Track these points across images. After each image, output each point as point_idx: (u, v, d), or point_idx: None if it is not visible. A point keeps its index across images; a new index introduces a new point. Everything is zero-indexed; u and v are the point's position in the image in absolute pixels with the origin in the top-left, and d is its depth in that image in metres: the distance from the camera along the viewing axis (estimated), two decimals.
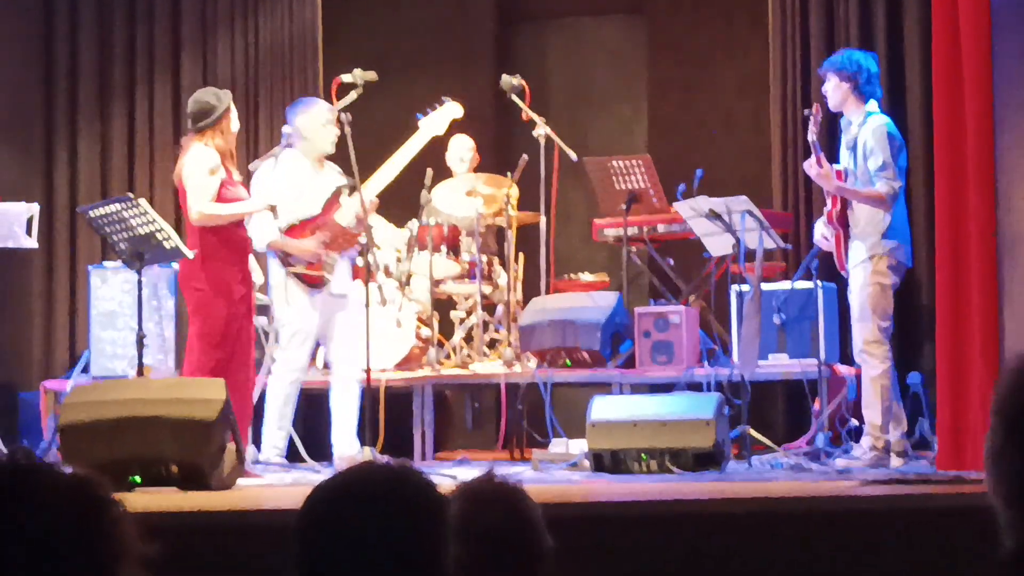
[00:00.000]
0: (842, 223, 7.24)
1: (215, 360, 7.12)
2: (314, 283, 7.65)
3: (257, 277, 7.63)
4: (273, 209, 7.56)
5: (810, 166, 7.22)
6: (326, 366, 8.84)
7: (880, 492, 5.71)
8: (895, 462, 7.15)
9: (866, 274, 7.16)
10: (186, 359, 7.34)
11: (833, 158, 7.52)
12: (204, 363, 7.13)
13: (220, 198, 7.24)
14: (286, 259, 7.63)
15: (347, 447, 7.64)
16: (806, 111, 7.42)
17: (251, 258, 7.55)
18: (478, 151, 9.53)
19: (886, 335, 7.22)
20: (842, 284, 8.71)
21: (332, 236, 7.69)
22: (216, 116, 7.24)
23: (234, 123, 7.34)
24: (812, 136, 7.24)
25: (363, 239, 7.61)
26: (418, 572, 2.12)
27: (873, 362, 7.16)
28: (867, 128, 7.18)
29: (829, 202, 7.26)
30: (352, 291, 7.82)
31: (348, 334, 7.71)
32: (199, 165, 7.22)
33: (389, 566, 2.10)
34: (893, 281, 7.24)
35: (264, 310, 8.14)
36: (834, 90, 7.26)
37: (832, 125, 8.30)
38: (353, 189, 7.68)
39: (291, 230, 7.65)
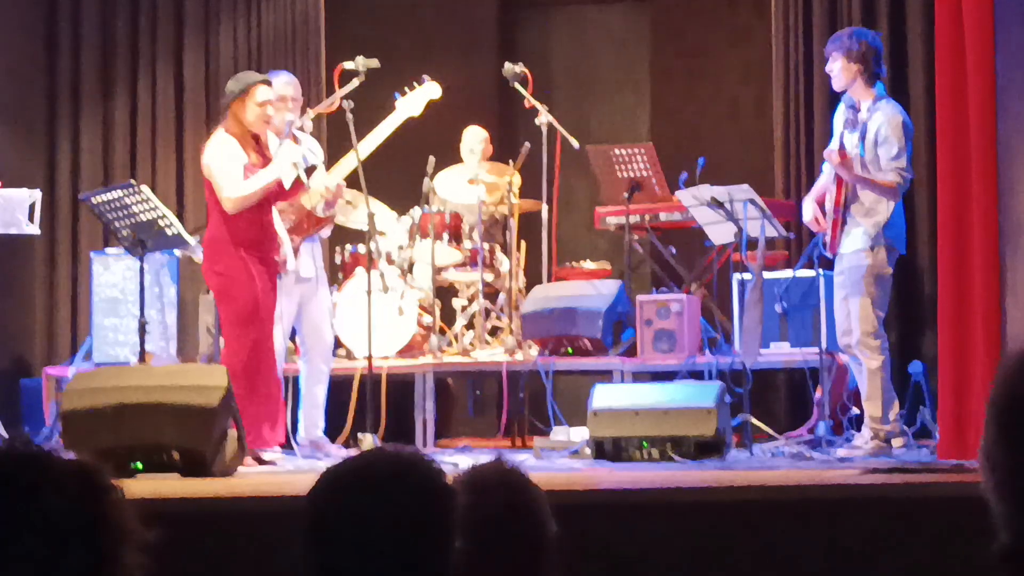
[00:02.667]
0: (839, 207, 7.19)
1: (250, 342, 7.08)
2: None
3: None
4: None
5: (831, 154, 7.14)
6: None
7: (881, 480, 5.72)
8: (896, 443, 7.16)
9: (867, 264, 7.12)
10: (224, 348, 7.31)
11: (828, 133, 7.48)
12: (240, 347, 7.09)
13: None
14: None
15: (313, 431, 7.65)
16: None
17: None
18: (489, 141, 9.49)
19: (883, 325, 7.21)
20: None
21: (297, 220, 7.64)
22: (226, 101, 7.17)
23: (250, 111, 7.14)
24: (841, 127, 7.18)
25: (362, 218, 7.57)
26: (425, 559, 2.12)
27: (873, 354, 7.15)
28: (880, 115, 7.11)
29: (835, 187, 7.19)
30: (320, 274, 7.81)
31: (319, 320, 7.72)
32: (216, 154, 7.12)
33: (396, 553, 2.10)
34: (891, 271, 7.23)
35: None
36: (841, 71, 7.15)
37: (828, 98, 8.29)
38: (311, 169, 7.65)
39: None
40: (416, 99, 8.14)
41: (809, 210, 7.28)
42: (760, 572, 4.97)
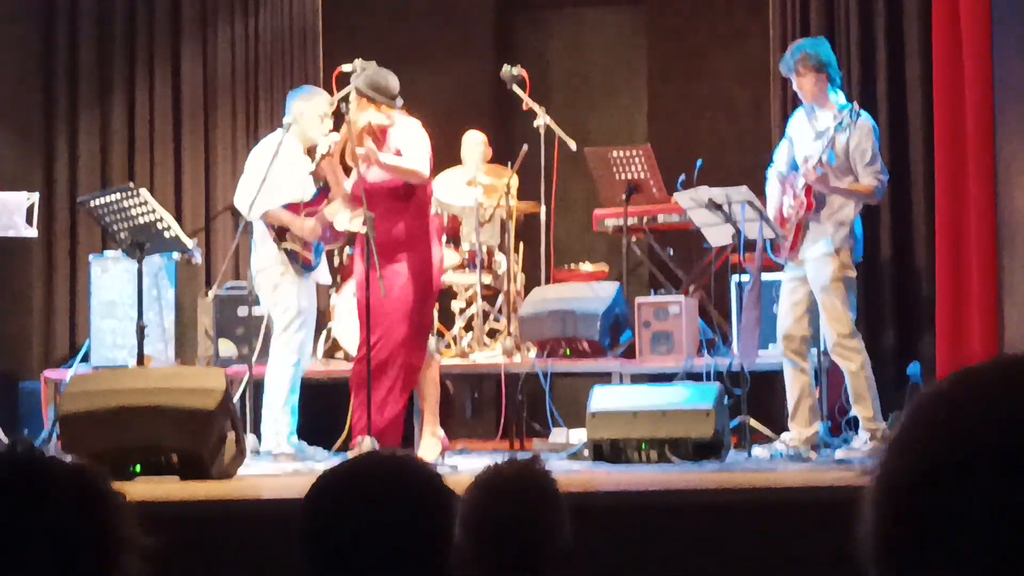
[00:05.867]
0: (808, 212, 7.25)
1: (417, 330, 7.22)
2: (307, 264, 7.60)
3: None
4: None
5: (809, 174, 7.19)
6: (327, 355, 8.85)
7: None
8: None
9: (833, 268, 7.17)
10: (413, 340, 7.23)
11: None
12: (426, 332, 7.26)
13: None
14: (281, 234, 7.55)
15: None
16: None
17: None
18: (488, 144, 9.50)
19: (856, 326, 7.24)
20: None
21: (321, 227, 7.65)
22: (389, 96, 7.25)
23: (351, 112, 7.19)
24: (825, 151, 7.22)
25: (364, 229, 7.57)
26: (422, 562, 2.12)
27: (852, 355, 7.17)
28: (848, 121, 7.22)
29: (804, 195, 7.25)
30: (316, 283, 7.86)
31: (314, 327, 7.76)
32: (412, 133, 7.20)
33: (393, 555, 2.11)
34: (855, 274, 7.28)
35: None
36: (814, 84, 7.26)
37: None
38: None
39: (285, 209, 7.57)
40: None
41: (787, 206, 7.38)
42: (758, 574, 4.97)
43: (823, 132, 7.20)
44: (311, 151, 7.63)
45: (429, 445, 7.15)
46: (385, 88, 7.26)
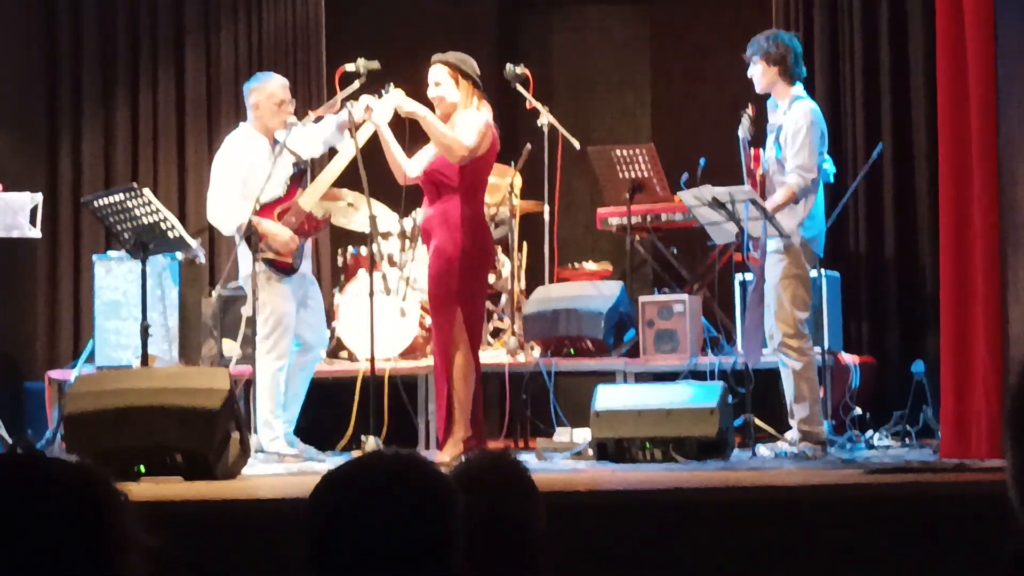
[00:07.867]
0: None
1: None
2: (285, 268, 7.57)
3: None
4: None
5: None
6: (331, 355, 8.84)
7: (884, 480, 5.72)
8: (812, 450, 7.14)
9: (784, 265, 7.19)
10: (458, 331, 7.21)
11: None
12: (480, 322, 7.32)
13: None
14: (256, 244, 7.49)
15: (290, 428, 7.61)
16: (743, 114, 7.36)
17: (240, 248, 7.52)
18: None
19: (805, 327, 7.22)
20: (848, 272, 8.72)
21: (298, 221, 7.62)
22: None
23: (438, 90, 7.31)
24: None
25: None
26: (428, 561, 2.12)
27: (794, 356, 7.17)
28: (792, 114, 7.25)
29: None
30: (310, 270, 7.85)
31: (317, 314, 7.73)
32: (472, 117, 7.24)
33: (399, 556, 2.10)
34: (810, 272, 7.27)
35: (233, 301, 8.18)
36: (761, 74, 7.33)
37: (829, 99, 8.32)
38: (303, 173, 7.67)
39: (257, 213, 7.48)
40: (381, 109, 8.01)
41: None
42: (763, 572, 4.97)
43: (772, 128, 7.31)
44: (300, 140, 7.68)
45: (450, 446, 7.12)
46: (474, 68, 7.30)
